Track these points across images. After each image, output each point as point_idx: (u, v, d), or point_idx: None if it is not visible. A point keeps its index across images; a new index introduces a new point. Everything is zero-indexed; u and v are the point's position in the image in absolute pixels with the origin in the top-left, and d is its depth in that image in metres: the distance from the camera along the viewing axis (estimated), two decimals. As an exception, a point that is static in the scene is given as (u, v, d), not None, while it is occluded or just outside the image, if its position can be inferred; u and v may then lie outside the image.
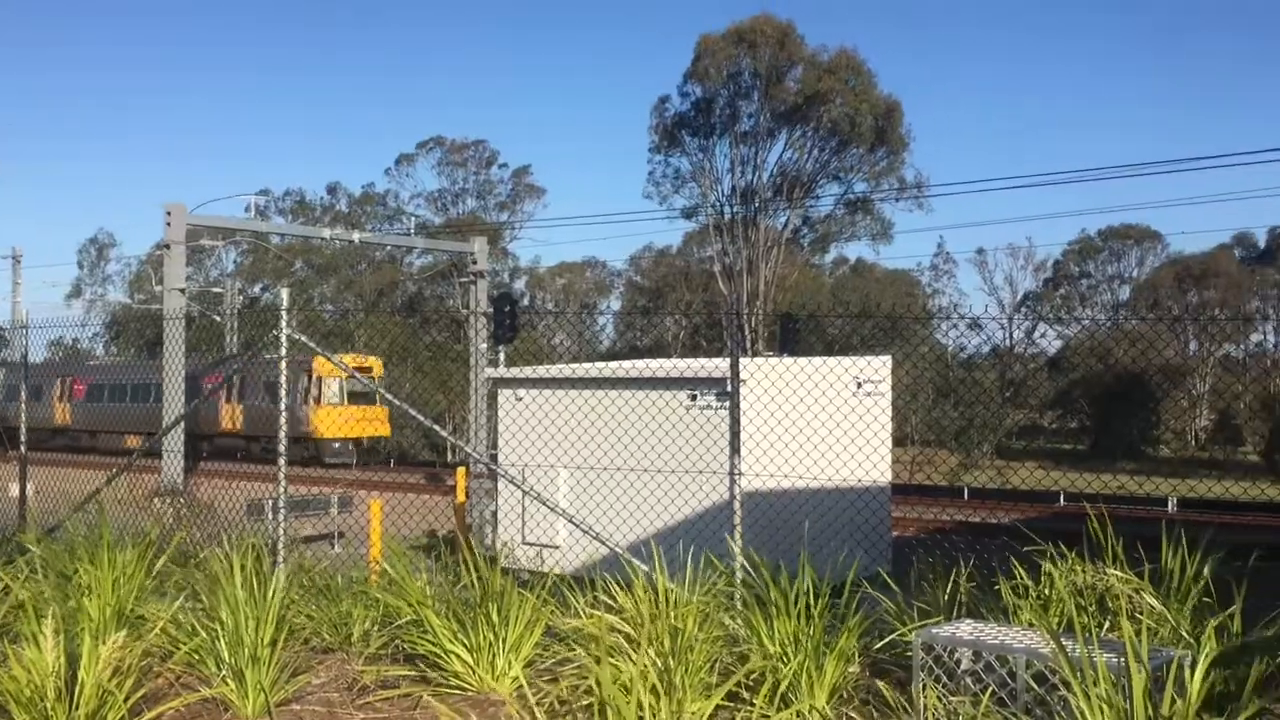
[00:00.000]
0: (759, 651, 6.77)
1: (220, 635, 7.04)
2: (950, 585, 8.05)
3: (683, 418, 13.96)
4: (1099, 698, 5.13)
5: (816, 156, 55.09)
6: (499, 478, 15.43)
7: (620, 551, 9.42)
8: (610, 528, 11.70)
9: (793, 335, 30.26)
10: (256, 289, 77.22)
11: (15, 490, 14.53)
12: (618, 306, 73.11)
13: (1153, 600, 7.25)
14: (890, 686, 6.72)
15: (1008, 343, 57.74)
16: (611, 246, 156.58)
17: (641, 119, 78.09)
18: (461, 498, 17.23)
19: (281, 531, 9.50)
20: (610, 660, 6.22)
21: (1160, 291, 59.65)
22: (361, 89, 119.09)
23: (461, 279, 46.38)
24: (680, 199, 58.93)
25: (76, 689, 6.07)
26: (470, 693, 7.05)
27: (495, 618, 7.16)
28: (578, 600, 7.57)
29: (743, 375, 12.17)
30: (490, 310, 30.75)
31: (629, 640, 6.62)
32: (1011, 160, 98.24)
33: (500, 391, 16.21)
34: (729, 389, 9.97)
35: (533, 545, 15.04)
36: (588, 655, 6.47)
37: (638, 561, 8.04)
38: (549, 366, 16.50)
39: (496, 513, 16.02)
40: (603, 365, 17.39)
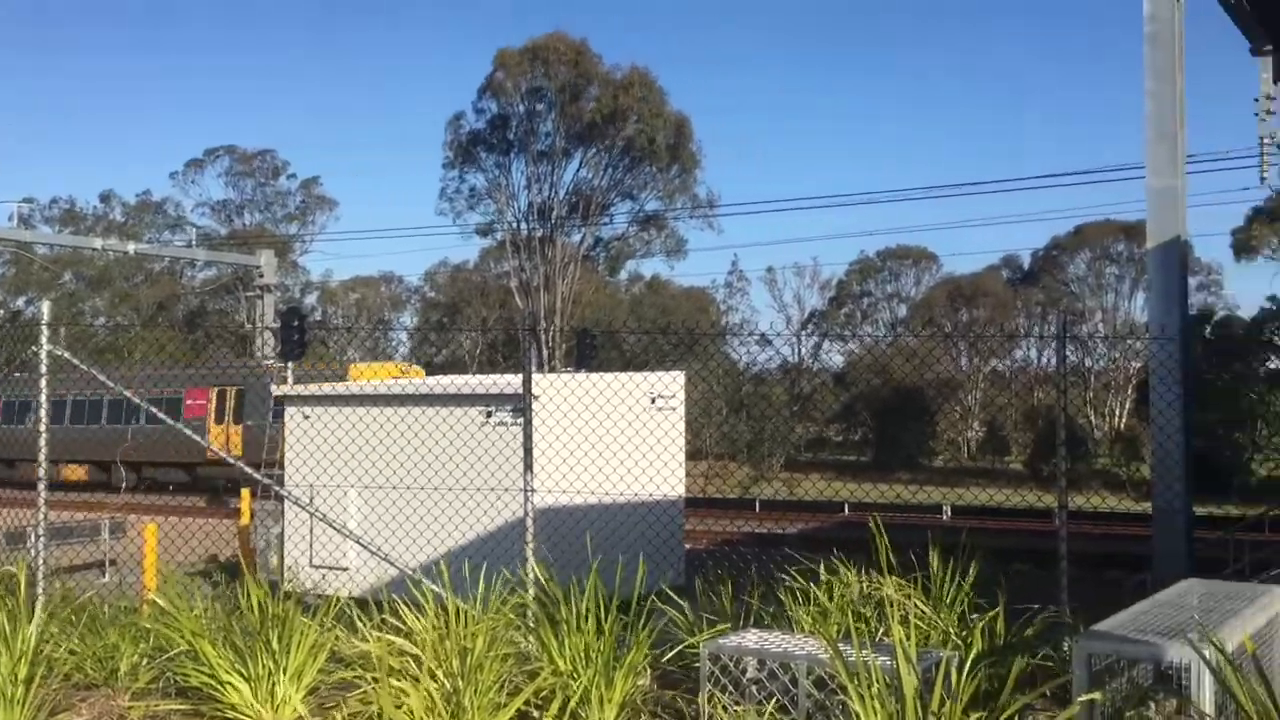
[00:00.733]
0: (550, 669, 6.75)
1: (-32, 675, 6.52)
2: (738, 596, 8.25)
3: (477, 435, 13.84)
4: (873, 700, 5.33)
5: (611, 174, 55.78)
6: (285, 499, 14.90)
7: (409, 572, 9.24)
8: (401, 548, 11.47)
9: (589, 351, 30.46)
10: (20, 302, 72.35)
11: None
12: (413, 322, 71.95)
13: (924, 605, 7.60)
14: (680, 697, 6.82)
15: (796, 358, 59.76)
16: (407, 261, 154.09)
17: (439, 132, 77.15)
18: (246, 520, 16.57)
19: (41, 561, 8.89)
20: (396, 684, 6.08)
21: (935, 310, 62.90)
22: (142, 94, 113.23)
23: (248, 293, 44.70)
24: (476, 215, 58.60)
25: None
26: (248, 724, 6.76)
27: (276, 645, 6.89)
28: (365, 623, 7.38)
29: (537, 391, 12.14)
30: (278, 325, 29.75)
31: (417, 662, 6.49)
32: (798, 182, 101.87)
33: (287, 409, 15.67)
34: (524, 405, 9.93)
35: (321, 568, 14.59)
36: (372, 680, 6.31)
37: (428, 582, 7.89)
38: (339, 384, 16.07)
39: (282, 535, 15.47)
40: (395, 382, 17.06)
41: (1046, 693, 6.75)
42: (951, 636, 7.42)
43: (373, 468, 14.25)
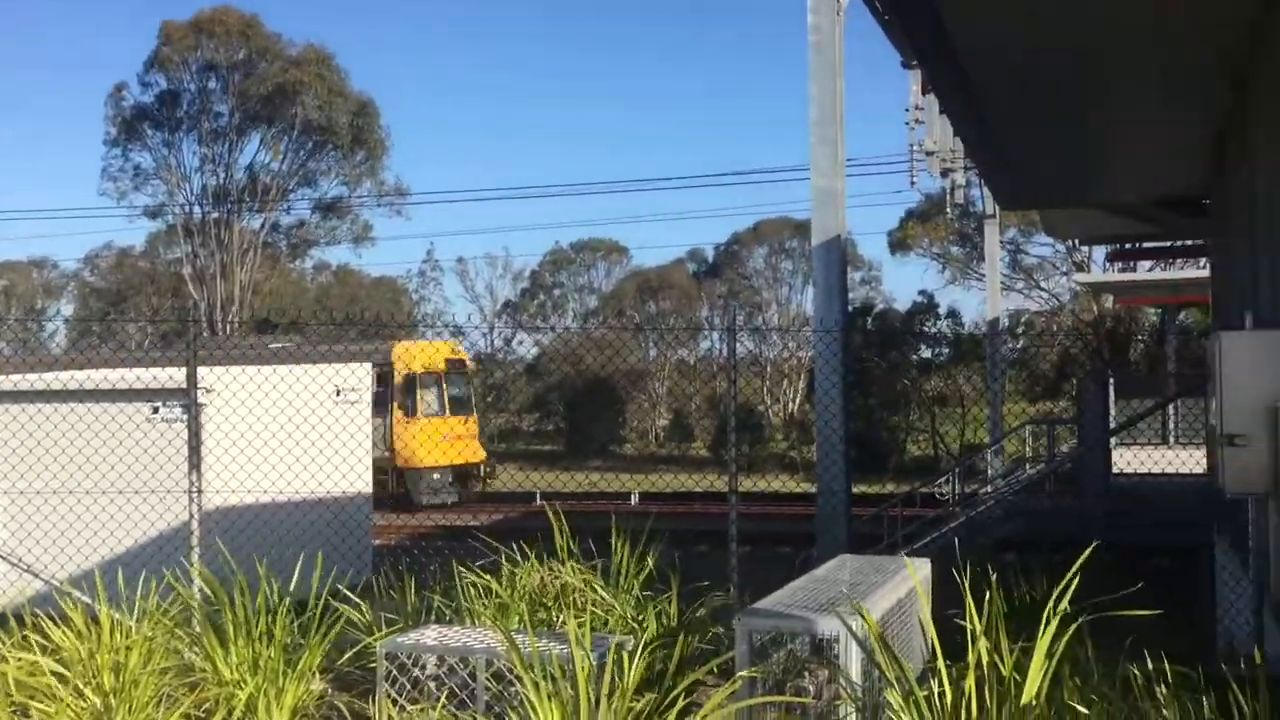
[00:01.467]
0: (214, 679, 6.41)
1: None
2: (420, 592, 8.14)
3: (145, 432, 12.95)
4: (548, 688, 5.39)
5: (293, 158, 53.61)
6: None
7: (57, 584, 8.52)
8: (48, 558, 10.56)
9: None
10: None
11: None
12: (70, 311, 66.36)
13: (603, 592, 7.77)
14: (356, 700, 6.65)
15: (489, 349, 59.73)
16: (64, 245, 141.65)
17: (99, 106, 71.42)
18: None
19: None
20: (40, 707, 5.59)
21: (624, 301, 64.60)
22: None
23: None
24: (143, 196, 54.74)
25: None
26: None
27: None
28: (4, 642, 6.74)
29: (210, 385, 11.45)
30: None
31: (64, 681, 5.99)
32: (494, 172, 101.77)
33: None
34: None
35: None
36: (8, 703, 5.77)
37: (79, 593, 7.30)
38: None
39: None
40: (48, 376, 15.68)
41: (715, 669, 7.07)
42: (629, 621, 7.63)
43: (23, 471, 13.05)
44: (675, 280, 66.47)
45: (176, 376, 13.42)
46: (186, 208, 53.73)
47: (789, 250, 65.96)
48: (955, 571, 6.36)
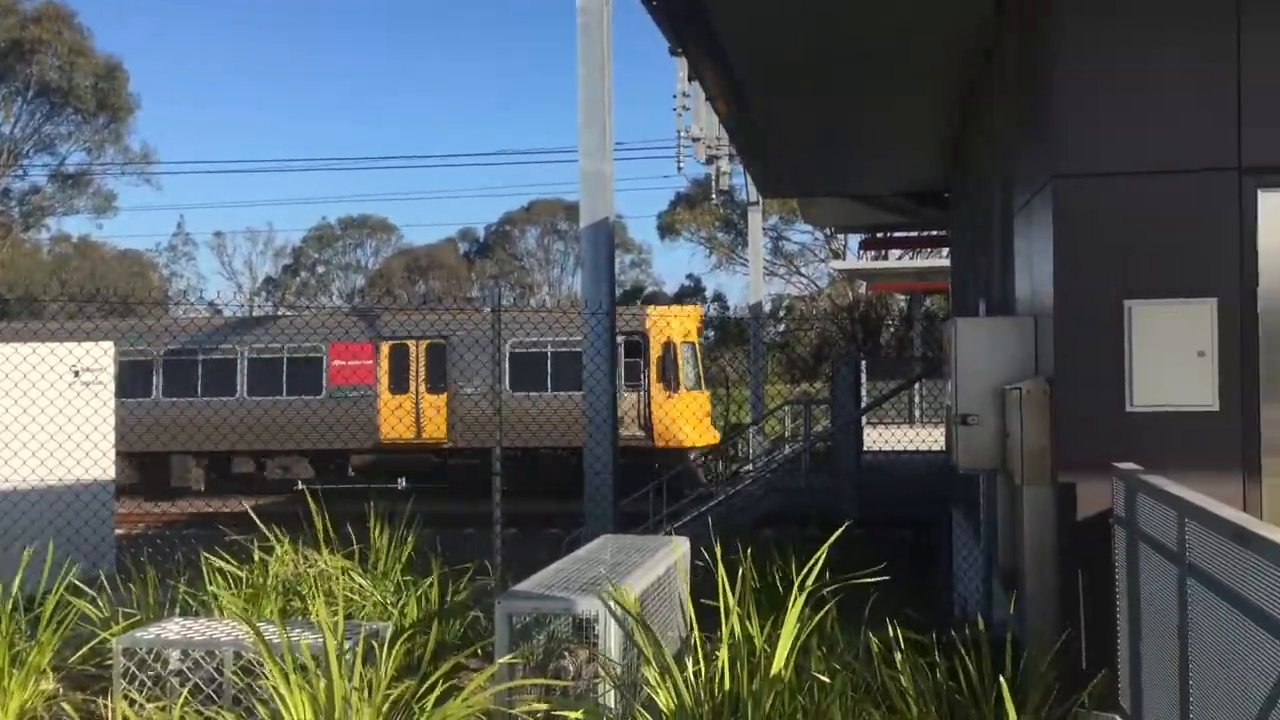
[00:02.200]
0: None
1: None
2: (164, 583, 7.72)
3: None
4: (298, 680, 5.21)
5: (28, 120, 49.72)
6: None
7: None
8: None
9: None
10: None
11: None
12: None
13: (361, 579, 7.58)
14: (90, 699, 6.24)
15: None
16: None
17: None
18: None
19: None
20: None
21: (393, 280, 63.34)
22: None
23: None
24: None
25: None
26: None
27: None
28: None
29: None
30: None
31: None
32: (253, 143, 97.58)
33: None
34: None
35: None
36: None
37: None
38: None
39: None
40: None
41: (478, 652, 7.01)
42: (389, 607, 7.48)
43: None
44: (445, 260, 65.62)
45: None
46: (-97, 170, 49.11)
47: (561, 232, 66.18)
48: (716, 549, 6.52)
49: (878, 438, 17.71)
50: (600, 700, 5.52)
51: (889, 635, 5.73)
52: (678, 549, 7.44)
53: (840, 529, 6.67)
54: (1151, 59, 5.61)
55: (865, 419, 16.90)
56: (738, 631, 5.36)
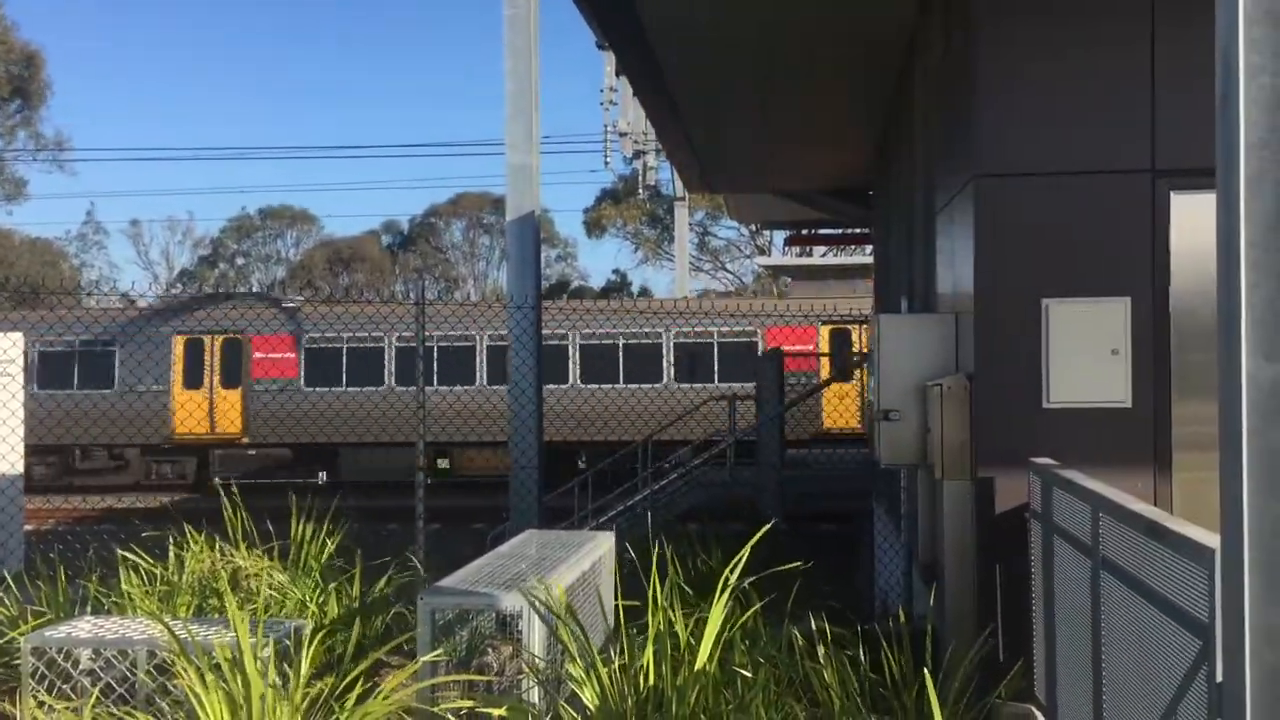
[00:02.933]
0: None
1: None
2: (75, 580, 7.53)
3: None
4: (213, 679, 5.10)
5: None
6: None
7: None
8: None
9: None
10: None
11: None
12: None
13: (281, 575, 7.46)
14: (0, 699, 6.07)
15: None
16: None
17: None
18: None
19: None
20: None
21: (314, 272, 62.40)
22: None
23: None
24: None
25: None
26: None
27: None
28: None
29: None
30: None
31: None
32: (171, 131, 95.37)
33: None
34: None
35: None
36: None
37: None
38: None
39: None
40: None
41: (402, 647, 6.94)
42: (309, 604, 7.37)
43: None
44: (367, 252, 64.79)
45: None
46: None
47: (487, 225, 65.73)
48: (642, 543, 6.53)
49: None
50: (524, 696, 5.49)
51: (812, 628, 5.78)
52: (603, 544, 7.42)
53: (763, 523, 6.72)
54: (1069, 62, 5.72)
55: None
56: (662, 626, 5.37)
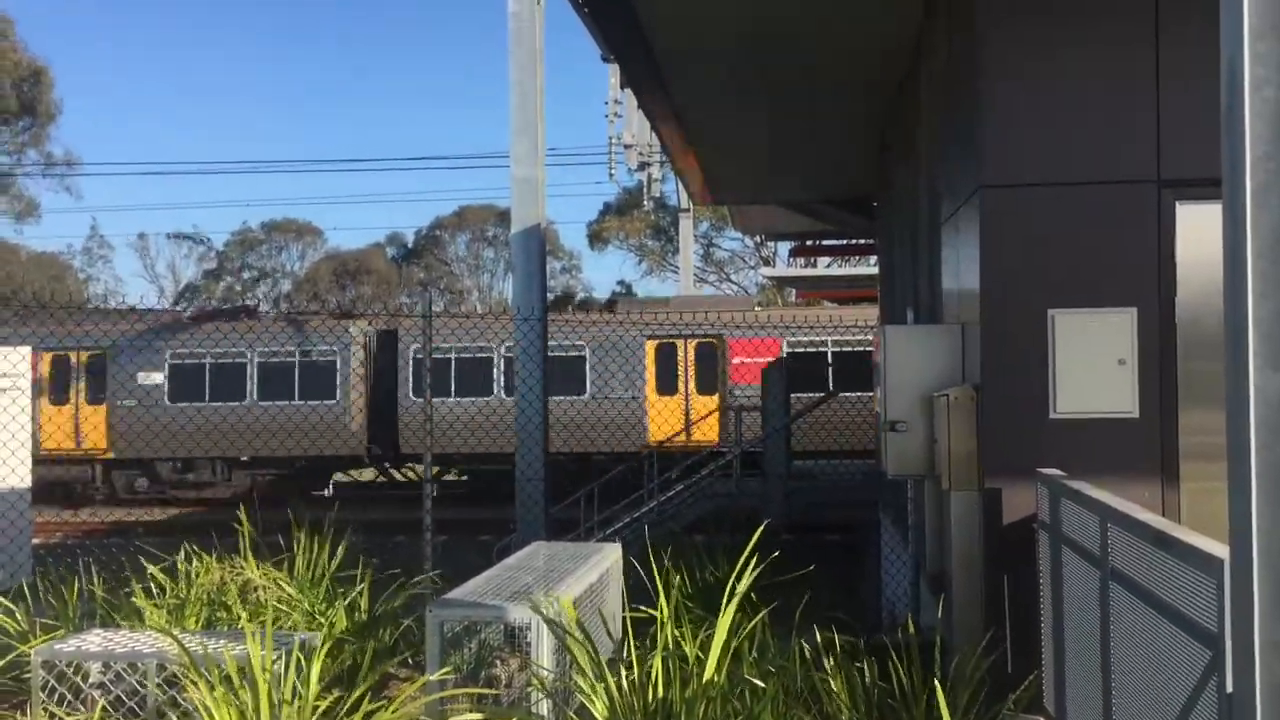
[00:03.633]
0: None
1: None
2: (85, 594, 7.54)
3: None
4: (223, 691, 5.12)
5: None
6: None
7: None
8: None
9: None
10: None
11: None
12: None
13: (289, 587, 7.47)
14: (10, 712, 6.08)
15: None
16: None
17: None
18: None
19: None
20: None
21: (320, 285, 62.47)
22: None
23: None
24: None
25: None
26: None
27: None
28: None
29: None
30: None
31: None
32: (176, 146, 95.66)
33: None
34: None
35: None
36: None
37: None
38: None
39: None
40: None
41: (409, 660, 6.95)
42: (318, 616, 7.37)
43: None
44: (373, 264, 64.86)
45: None
46: None
47: (491, 238, 65.80)
48: (649, 554, 6.53)
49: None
50: (533, 709, 5.49)
51: (819, 639, 5.78)
52: (610, 555, 7.43)
53: (769, 535, 6.72)
54: (1074, 73, 5.74)
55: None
56: (670, 638, 5.38)
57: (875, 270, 19.16)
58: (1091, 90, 5.73)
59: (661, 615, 5.49)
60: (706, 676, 5.25)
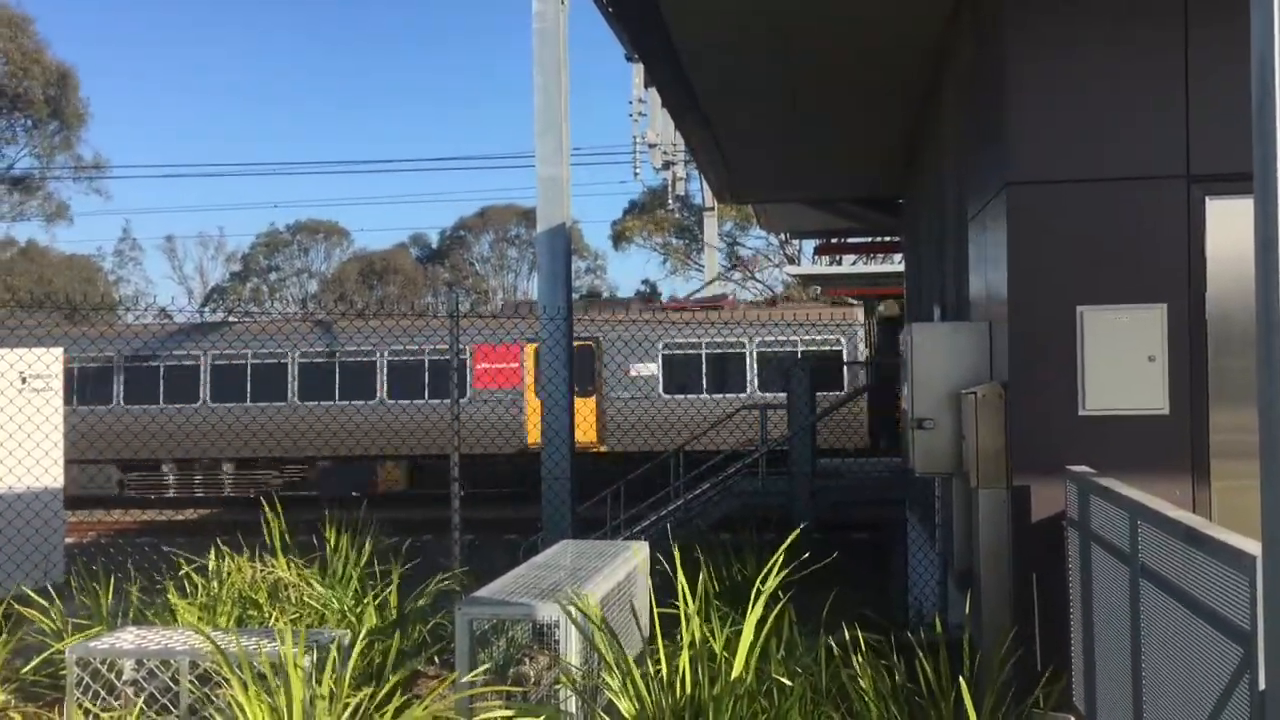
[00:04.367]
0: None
1: None
2: (117, 592, 7.62)
3: None
4: (256, 689, 5.16)
5: (-25, 127, 48.76)
6: None
7: None
8: None
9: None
10: None
11: None
12: None
13: (319, 585, 7.52)
14: (42, 711, 6.15)
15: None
16: None
17: None
18: None
19: None
20: None
21: (347, 285, 62.80)
22: None
23: None
24: None
25: None
26: None
27: None
28: None
29: None
30: None
31: None
32: (203, 148, 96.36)
33: None
34: None
35: None
36: None
37: None
38: None
39: None
40: None
41: (436, 658, 6.99)
42: (347, 614, 7.42)
43: None
44: (399, 264, 65.14)
45: None
46: None
47: (513, 238, 65.96)
48: (675, 552, 6.54)
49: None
50: (561, 706, 5.52)
51: (846, 637, 5.78)
52: (637, 554, 7.45)
53: (795, 533, 6.72)
54: (1102, 68, 5.71)
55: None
56: (698, 636, 5.39)
57: (901, 268, 19.10)
58: (1119, 85, 5.70)
59: (687, 612, 5.50)
60: (734, 673, 5.26)
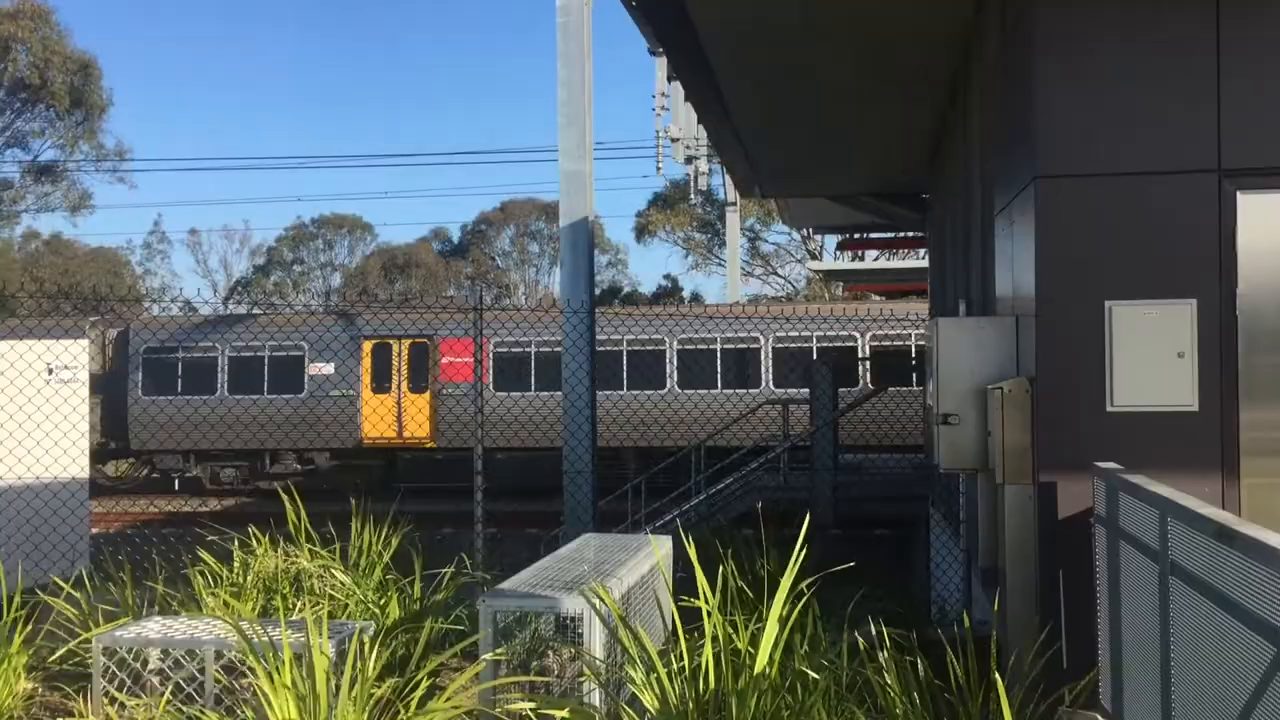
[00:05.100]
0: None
1: None
2: (143, 582, 7.68)
3: None
4: (281, 679, 5.19)
5: (1, 116, 49.13)
6: None
7: None
8: None
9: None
10: None
11: None
12: None
13: (343, 576, 7.55)
14: (70, 699, 6.20)
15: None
16: None
17: None
18: None
19: None
20: None
21: (369, 279, 63.03)
22: None
23: None
24: None
25: None
26: None
27: None
28: None
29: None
30: None
31: None
32: (229, 141, 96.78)
33: None
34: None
35: None
36: None
37: None
38: None
39: None
40: None
41: (460, 651, 7.00)
42: (371, 605, 7.45)
43: None
44: (421, 258, 65.32)
45: None
46: None
47: (535, 232, 66.03)
48: (697, 547, 6.53)
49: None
50: (585, 699, 5.52)
51: (871, 633, 5.75)
52: (660, 548, 7.44)
53: (817, 529, 6.70)
54: (1132, 61, 5.66)
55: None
56: (722, 630, 5.38)
57: (925, 264, 19.02)
58: (1149, 77, 5.64)
59: (709, 607, 5.49)
60: (758, 668, 5.24)
